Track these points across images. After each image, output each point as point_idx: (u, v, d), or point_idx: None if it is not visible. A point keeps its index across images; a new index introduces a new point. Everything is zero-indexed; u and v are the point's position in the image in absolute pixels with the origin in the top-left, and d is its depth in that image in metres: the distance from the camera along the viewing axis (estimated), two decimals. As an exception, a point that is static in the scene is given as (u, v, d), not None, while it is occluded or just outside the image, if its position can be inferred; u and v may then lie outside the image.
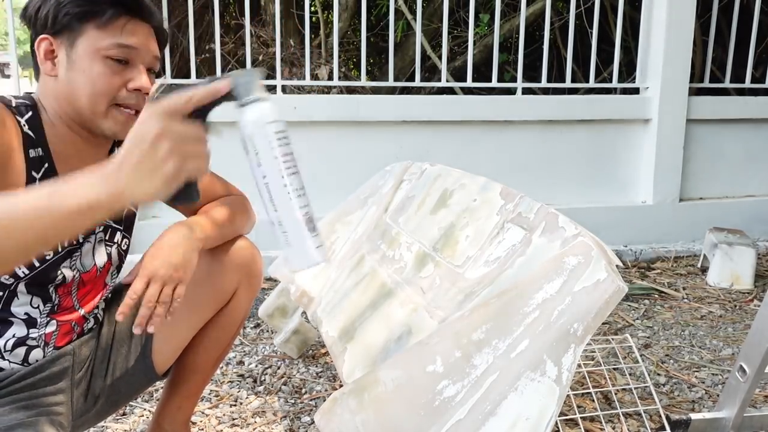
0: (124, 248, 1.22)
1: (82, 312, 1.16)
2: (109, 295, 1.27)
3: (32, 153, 1.02)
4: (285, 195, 0.80)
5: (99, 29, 1.02)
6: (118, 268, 1.24)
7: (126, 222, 1.22)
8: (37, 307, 1.09)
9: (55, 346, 1.12)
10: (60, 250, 1.08)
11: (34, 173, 1.02)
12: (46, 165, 1.04)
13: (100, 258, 1.16)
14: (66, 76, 1.03)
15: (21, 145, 1.01)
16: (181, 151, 0.72)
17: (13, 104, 1.03)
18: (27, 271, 1.05)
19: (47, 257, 1.06)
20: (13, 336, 1.07)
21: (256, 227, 1.39)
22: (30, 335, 1.08)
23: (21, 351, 1.08)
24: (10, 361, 1.07)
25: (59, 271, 1.09)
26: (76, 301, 1.15)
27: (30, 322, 1.08)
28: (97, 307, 1.21)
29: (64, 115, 1.06)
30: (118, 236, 1.20)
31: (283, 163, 0.79)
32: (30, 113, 1.04)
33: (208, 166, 0.78)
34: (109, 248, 1.18)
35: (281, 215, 0.80)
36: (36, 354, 1.10)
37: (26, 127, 1.03)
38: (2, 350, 1.06)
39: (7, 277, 1.03)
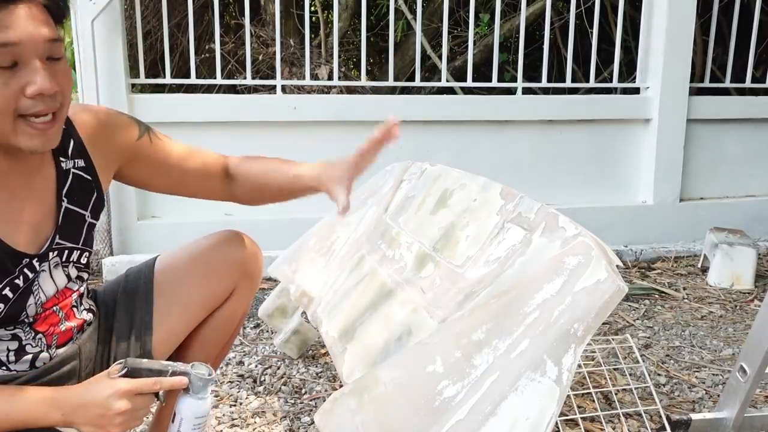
0: (83, 262, 1.13)
1: (62, 313, 1.11)
2: (99, 286, 1.25)
3: None
4: None
5: None
6: (81, 278, 1.15)
7: (85, 237, 1.11)
8: (21, 328, 1.05)
9: (57, 345, 1.10)
10: (11, 296, 1.00)
11: None
12: None
13: (60, 280, 1.08)
14: None
15: None
16: (131, 419, 0.97)
17: None
18: None
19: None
20: (8, 349, 1.04)
21: (256, 227, 1.39)
22: (25, 344, 1.05)
23: (27, 358, 1.06)
24: (17, 371, 1.05)
25: (23, 312, 1.03)
26: (60, 313, 1.11)
27: (18, 338, 1.05)
28: (81, 305, 1.17)
29: None
30: (75, 254, 1.09)
31: None
32: None
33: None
34: (66, 269, 1.09)
35: None
36: (43, 357, 1.08)
37: None
38: (7, 362, 1.04)
39: None
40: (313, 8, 3.84)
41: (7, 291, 0.98)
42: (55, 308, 1.09)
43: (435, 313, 1.22)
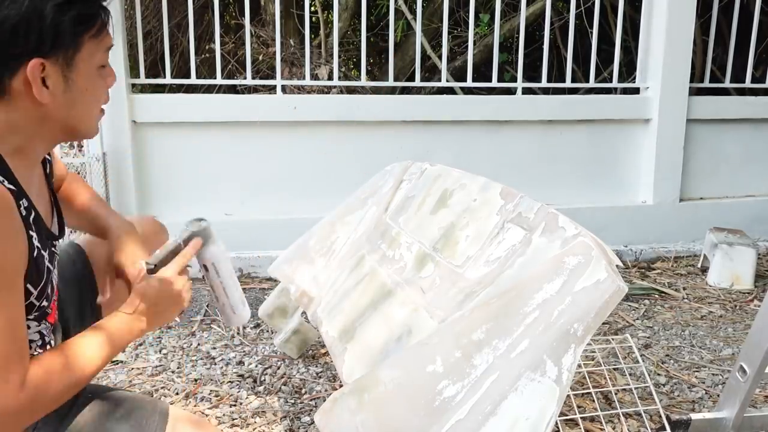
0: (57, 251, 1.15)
1: (54, 297, 1.13)
2: None
3: (22, 210, 0.92)
4: (235, 292, 1.27)
5: (94, 39, 0.94)
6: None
7: (61, 232, 1.14)
8: (44, 323, 1.06)
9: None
10: (54, 282, 1.05)
11: (31, 231, 0.94)
12: (33, 212, 0.97)
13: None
14: (63, 98, 0.93)
15: (16, 209, 0.88)
16: (188, 289, 1.14)
17: None
18: (38, 314, 1.02)
19: (50, 294, 1.03)
20: (36, 348, 1.04)
21: (256, 227, 1.43)
22: (48, 339, 1.07)
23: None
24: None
25: (46, 308, 1.06)
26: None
27: (42, 335, 1.06)
28: None
29: (41, 137, 0.96)
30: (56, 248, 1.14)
31: (231, 278, 1.26)
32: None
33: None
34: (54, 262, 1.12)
35: (234, 301, 1.27)
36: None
37: (5, 182, 0.89)
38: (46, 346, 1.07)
39: (36, 324, 1.03)
40: (313, 8, 3.84)
41: (52, 274, 1.04)
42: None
43: (435, 313, 1.22)
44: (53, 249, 1.06)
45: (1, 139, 0.92)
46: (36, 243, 0.95)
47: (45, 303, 1.02)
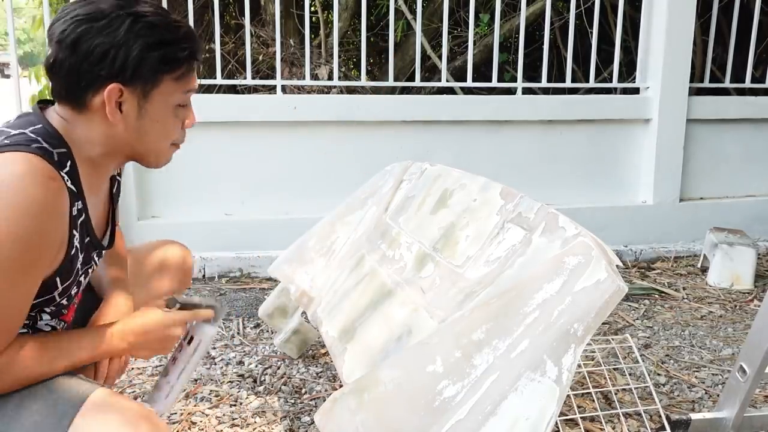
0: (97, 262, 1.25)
1: (75, 301, 1.21)
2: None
3: (74, 210, 1.02)
4: (184, 380, 1.23)
5: (174, 81, 1.04)
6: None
7: (109, 245, 1.24)
8: (57, 320, 1.16)
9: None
10: (83, 281, 1.15)
11: (74, 231, 1.03)
12: (83, 215, 1.06)
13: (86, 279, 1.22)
14: (135, 124, 1.04)
15: (68, 207, 1.00)
16: (175, 342, 1.16)
17: (55, 158, 0.97)
18: (54, 308, 1.11)
19: (73, 294, 1.13)
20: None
21: (256, 227, 1.43)
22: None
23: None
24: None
25: (64, 307, 1.15)
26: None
27: (55, 329, 1.15)
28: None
29: (112, 154, 1.07)
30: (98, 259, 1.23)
31: (194, 366, 1.24)
32: (68, 162, 1.00)
33: None
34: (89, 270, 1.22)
35: (176, 387, 1.22)
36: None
37: (69, 182, 1.00)
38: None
39: (37, 310, 1.09)
40: (313, 8, 3.84)
41: (81, 278, 1.13)
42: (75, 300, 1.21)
43: (435, 313, 1.22)
44: (94, 257, 1.15)
45: (78, 147, 1.03)
46: (76, 243, 1.04)
47: (65, 302, 1.11)
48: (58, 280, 1.04)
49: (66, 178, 0.98)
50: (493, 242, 1.24)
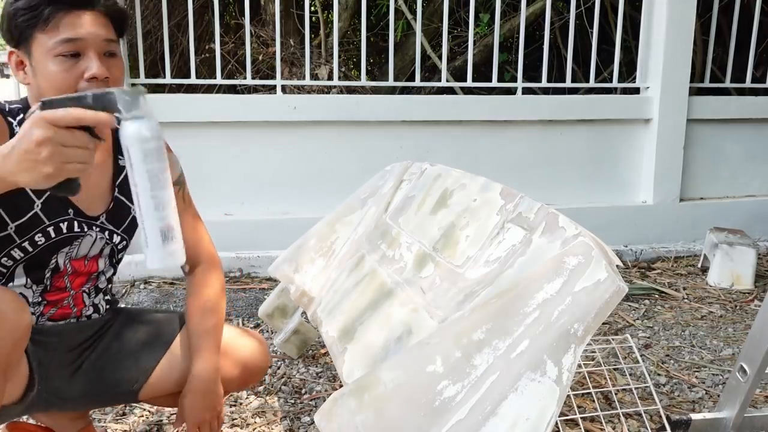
0: (120, 247, 1.31)
1: (72, 292, 1.25)
2: (121, 305, 1.38)
3: None
4: (148, 205, 0.89)
5: (44, 32, 1.08)
6: (111, 262, 1.32)
7: (128, 227, 1.30)
8: (30, 288, 1.20)
9: (49, 318, 1.23)
10: (53, 236, 1.17)
11: None
12: None
13: (94, 250, 1.26)
14: (34, 82, 1.11)
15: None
16: (60, 155, 0.85)
17: (6, 108, 1.13)
18: (22, 254, 1.16)
19: (39, 243, 1.16)
20: None
21: (256, 227, 1.41)
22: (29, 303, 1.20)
23: None
24: None
25: (53, 258, 1.20)
26: (68, 282, 1.23)
27: (25, 297, 1.18)
28: (95, 294, 1.30)
29: None
30: (116, 238, 1.28)
31: (149, 180, 0.89)
32: (21, 115, 1.13)
33: (89, 167, 0.90)
34: (107, 246, 1.27)
35: (143, 220, 0.90)
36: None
37: (18, 128, 1.10)
38: None
39: (6, 259, 1.15)
40: (313, 8, 3.84)
41: (50, 229, 1.16)
42: (67, 283, 1.23)
43: (435, 313, 1.22)
44: (72, 218, 1.18)
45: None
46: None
47: (30, 248, 1.15)
48: (1, 211, 1.11)
49: (15, 124, 1.12)
50: (493, 242, 1.24)
